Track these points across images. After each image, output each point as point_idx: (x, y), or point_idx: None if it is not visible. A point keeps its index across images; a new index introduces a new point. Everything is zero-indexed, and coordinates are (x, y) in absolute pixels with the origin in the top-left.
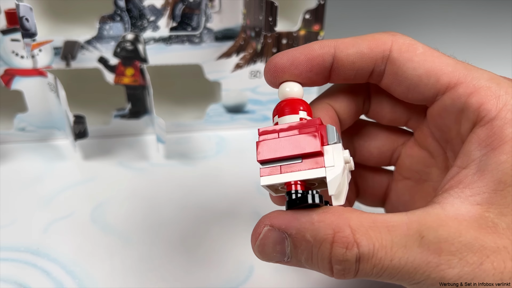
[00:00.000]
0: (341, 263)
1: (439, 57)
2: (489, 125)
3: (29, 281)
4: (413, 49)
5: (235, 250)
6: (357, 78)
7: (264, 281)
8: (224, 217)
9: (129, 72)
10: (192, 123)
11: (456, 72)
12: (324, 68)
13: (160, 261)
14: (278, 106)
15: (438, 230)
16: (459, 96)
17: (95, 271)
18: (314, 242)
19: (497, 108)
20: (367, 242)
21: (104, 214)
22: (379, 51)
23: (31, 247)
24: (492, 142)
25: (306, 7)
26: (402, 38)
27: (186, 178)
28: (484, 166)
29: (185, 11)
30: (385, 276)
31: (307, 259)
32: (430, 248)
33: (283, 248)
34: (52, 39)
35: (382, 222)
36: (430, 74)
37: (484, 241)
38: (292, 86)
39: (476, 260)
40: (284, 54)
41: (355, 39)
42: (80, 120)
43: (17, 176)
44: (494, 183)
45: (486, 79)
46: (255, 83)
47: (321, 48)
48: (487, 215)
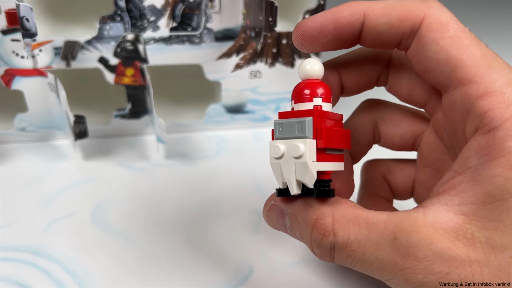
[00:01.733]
0: (318, 247)
1: (467, 46)
2: (491, 134)
3: (29, 281)
4: (444, 30)
5: (235, 250)
6: (384, 46)
7: (264, 281)
8: (224, 217)
9: (129, 72)
10: (192, 123)
11: (475, 68)
12: (353, 36)
13: (160, 261)
14: (295, 90)
15: (410, 234)
16: (469, 95)
17: (95, 271)
18: (302, 223)
19: (504, 117)
20: (343, 233)
21: (104, 214)
22: (408, 25)
23: (31, 247)
24: (491, 152)
25: (306, 7)
26: (437, 11)
27: (186, 178)
28: (478, 176)
29: (185, 11)
30: (358, 268)
31: (300, 235)
32: (399, 251)
33: (284, 222)
34: (52, 39)
35: (364, 218)
36: (449, 62)
37: (455, 252)
38: (312, 64)
39: (442, 269)
40: (313, 21)
41: (386, 7)
42: (80, 120)
43: (17, 176)
44: (484, 195)
45: (503, 83)
46: (255, 83)
47: (350, 16)
48: (468, 227)
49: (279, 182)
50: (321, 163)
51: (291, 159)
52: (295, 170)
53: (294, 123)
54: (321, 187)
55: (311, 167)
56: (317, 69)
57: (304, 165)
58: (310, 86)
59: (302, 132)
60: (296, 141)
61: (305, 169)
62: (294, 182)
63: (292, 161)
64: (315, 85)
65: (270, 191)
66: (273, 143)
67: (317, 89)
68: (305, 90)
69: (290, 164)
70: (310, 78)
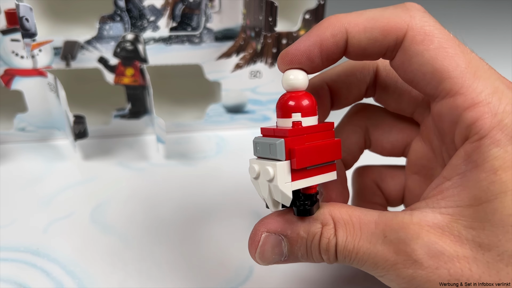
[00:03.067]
0: (326, 253)
1: (452, 56)
2: (477, 142)
3: (29, 281)
4: (428, 41)
5: (235, 250)
6: (369, 58)
7: (264, 281)
8: (224, 217)
9: (129, 72)
10: (192, 123)
11: (461, 80)
12: (339, 54)
13: (160, 261)
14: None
15: (398, 232)
16: (456, 107)
17: (95, 271)
18: (308, 236)
19: (490, 126)
20: (342, 234)
21: (104, 214)
22: (392, 38)
23: (31, 247)
24: (477, 159)
25: (306, 7)
26: (420, 21)
27: (186, 178)
28: (466, 181)
29: (185, 11)
30: (355, 265)
31: (303, 254)
32: (390, 247)
33: (281, 249)
34: (52, 39)
35: (356, 218)
36: (435, 74)
37: (443, 247)
38: (296, 74)
39: (431, 264)
40: (297, 48)
41: (367, 21)
42: (80, 120)
43: (17, 176)
44: (470, 198)
45: (489, 92)
46: (255, 83)
47: (333, 36)
48: (455, 225)
49: (261, 198)
50: (300, 181)
51: (265, 181)
52: (270, 190)
53: (268, 144)
54: (301, 206)
55: (283, 189)
56: (301, 79)
57: (275, 188)
58: (293, 99)
59: (273, 154)
60: (267, 165)
61: (277, 191)
62: (270, 201)
63: (266, 183)
64: (299, 98)
65: None
66: (251, 162)
67: (299, 103)
68: (287, 104)
69: (265, 184)
70: (294, 90)
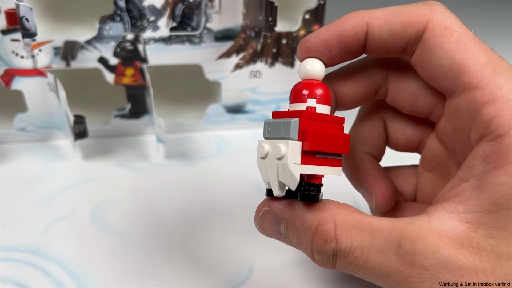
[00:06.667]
0: (320, 254)
1: (472, 50)
2: (497, 141)
3: (29, 281)
4: (448, 34)
5: (235, 250)
6: (390, 53)
7: (264, 281)
8: (224, 217)
9: (129, 72)
10: (192, 123)
11: (480, 74)
12: (358, 46)
13: (160, 261)
14: (292, 89)
15: (416, 242)
16: (475, 101)
17: (95, 271)
18: (301, 229)
19: (510, 124)
20: (345, 240)
21: (104, 214)
22: (412, 31)
23: (31, 247)
24: (497, 160)
25: (306, 7)
26: (441, 15)
27: (186, 178)
28: (484, 183)
29: (185, 11)
30: (360, 275)
31: (297, 242)
32: (404, 259)
33: (279, 228)
34: (52, 39)
35: (366, 224)
36: (453, 67)
37: (461, 261)
38: (313, 64)
39: (448, 278)
40: (317, 36)
41: (388, 14)
42: (80, 120)
43: (17, 176)
44: (489, 203)
45: (509, 89)
46: (255, 83)
47: (353, 28)
48: (473, 235)
49: (265, 182)
50: (308, 166)
51: (274, 160)
52: (278, 171)
53: (281, 123)
54: (306, 190)
55: (292, 169)
56: (318, 69)
57: (285, 166)
58: (308, 87)
59: (287, 133)
60: (279, 142)
61: (286, 171)
62: (276, 183)
63: (275, 162)
64: (313, 86)
65: None
66: (260, 142)
67: (314, 90)
68: (302, 91)
69: (273, 164)
70: (310, 79)
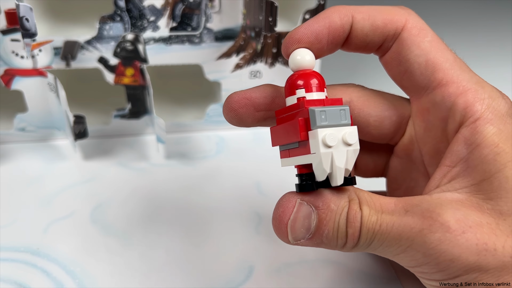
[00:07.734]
0: (352, 227)
1: (443, 50)
2: (474, 124)
3: (29, 281)
4: (423, 35)
5: (235, 250)
6: (367, 48)
7: (264, 281)
8: (224, 217)
9: (129, 72)
10: (192, 123)
11: (452, 70)
12: (343, 39)
13: (160, 261)
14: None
15: (420, 205)
16: (449, 94)
17: (95, 271)
18: (337, 210)
19: (481, 110)
20: (366, 208)
21: (104, 214)
22: (392, 28)
23: (31, 247)
24: (476, 139)
25: (306, 7)
26: (416, 19)
27: (186, 178)
28: (471, 162)
29: (185, 11)
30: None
31: (329, 231)
32: (414, 217)
33: (310, 222)
34: (52, 39)
35: (377, 199)
36: (428, 65)
37: (467, 213)
38: (303, 54)
39: (458, 227)
40: (307, 27)
41: (371, 10)
42: (80, 120)
43: (17, 176)
44: (480, 174)
45: (474, 82)
46: (255, 83)
47: (341, 19)
48: (473, 199)
49: (323, 174)
50: None
51: (342, 147)
52: (347, 158)
53: (337, 110)
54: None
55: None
56: (309, 59)
57: (355, 152)
58: (304, 77)
59: (346, 119)
60: (348, 128)
61: (354, 156)
62: (343, 171)
63: (344, 149)
64: (309, 76)
65: (270, 191)
66: (320, 132)
67: (322, 79)
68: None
69: (342, 152)
70: (302, 69)
